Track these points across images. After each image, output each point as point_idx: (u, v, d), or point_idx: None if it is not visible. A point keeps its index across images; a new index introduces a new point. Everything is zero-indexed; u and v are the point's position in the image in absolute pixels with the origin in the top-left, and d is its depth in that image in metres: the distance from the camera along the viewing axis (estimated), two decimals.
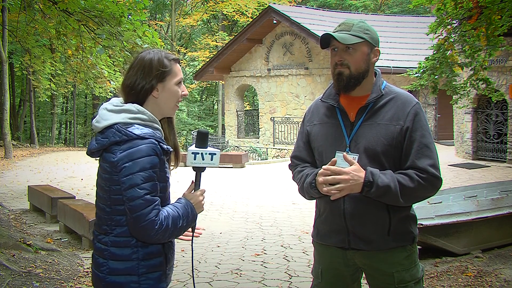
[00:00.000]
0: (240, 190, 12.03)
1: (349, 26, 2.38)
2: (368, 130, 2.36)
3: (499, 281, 4.75)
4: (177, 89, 2.23)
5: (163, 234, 2.05)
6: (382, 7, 34.37)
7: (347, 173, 2.25)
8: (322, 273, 2.54)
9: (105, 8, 8.75)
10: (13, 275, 4.85)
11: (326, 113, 2.49)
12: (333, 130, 2.44)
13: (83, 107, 39.70)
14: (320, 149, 2.47)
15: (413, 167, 2.31)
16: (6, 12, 17.65)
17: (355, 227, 2.38)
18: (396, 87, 2.48)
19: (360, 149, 2.35)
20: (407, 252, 2.40)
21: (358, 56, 2.36)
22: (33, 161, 18.67)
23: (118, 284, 2.09)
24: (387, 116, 2.35)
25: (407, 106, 2.36)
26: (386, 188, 2.25)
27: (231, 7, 28.38)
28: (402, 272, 2.37)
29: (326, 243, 2.50)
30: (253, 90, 28.39)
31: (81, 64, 11.68)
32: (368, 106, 2.39)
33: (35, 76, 19.45)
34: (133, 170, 2.01)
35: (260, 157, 21.52)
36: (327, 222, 2.47)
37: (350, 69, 2.36)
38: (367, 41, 2.38)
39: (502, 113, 14.16)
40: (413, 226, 2.45)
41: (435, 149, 2.36)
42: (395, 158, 2.35)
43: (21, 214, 8.88)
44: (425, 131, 2.34)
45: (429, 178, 2.29)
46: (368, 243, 2.38)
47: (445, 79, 9.13)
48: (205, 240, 6.93)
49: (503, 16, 7.42)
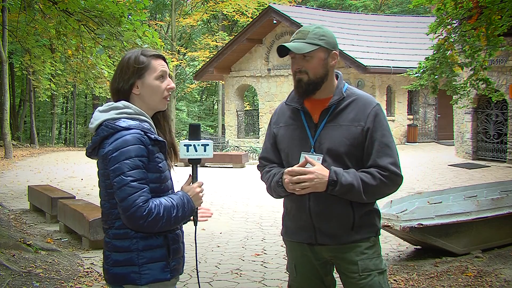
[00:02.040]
0: (240, 190, 12.04)
1: (305, 34, 2.45)
2: (331, 131, 2.46)
3: (499, 281, 4.75)
4: (158, 83, 2.24)
5: (154, 222, 2.07)
6: (382, 7, 34.37)
7: (312, 172, 2.34)
8: (296, 268, 2.63)
9: (105, 8, 8.75)
10: (13, 275, 4.85)
11: (291, 115, 2.58)
12: (298, 132, 2.53)
13: (83, 107, 39.71)
14: (286, 151, 2.57)
15: (375, 165, 2.41)
16: (6, 12, 17.65)
17: (321, 223, 2.48)
18: (358, 89, 2.57)
19: (324, 150, 2.45)
20: (371, 243, 2.51)
21: (315, 63, 2.44)
22: (33, 161, 18.67)
23: (120, 275, 2.15)
24: (349, 118, 2.45)
25: (368, 107, 2.46)
26: (349, 186, 2.35)
27: (231, 7, 28.36)
28: (366, 260, 2.48)
29: (295, 240, 2.60)
30: (253, 90, 28.40)
31: (81, 64, 11.69)
32: (331, 108, 2.48)
33: (35, 76, 19.45)
34: (120, 159, 2.07)
35: None
36: (294, 219, 2.57)
37: (308, 75, 2.45)
38: (322, 47, 2.44)
39: (502, 113, 14.16)
40: (377, 219, 2.56)
41: (395, 148, 2.47)
42: (358, 157, 2.45)
43: (21, 214, 8.89)
44: (385, 131, 2.45)
45: (390, 176, 2.40)
46: (333, 238, 2.48)
47: (445, 79, 9.13)
48: (205, 240, 6.93)
49: (503, 16, 7.42)
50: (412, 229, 5.45)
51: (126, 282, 2.15)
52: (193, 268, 5.43)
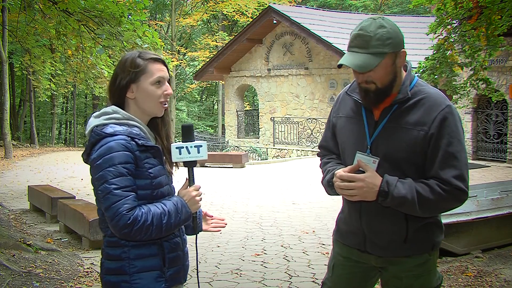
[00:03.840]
0: (240, 190, 12.03)
1: (367, 40, 2.12)
2: (391, 133, 2.21)
3: (499, 281, 4.75)
4: (154, 88, 2.15)
5: (141, 230, 2.01)
6: (382, 7, 34.36)
7: (362, 180, 2.14)
8: (333, 268, 2.51)
9: (105, 8, 8.75)
10: (13, 275, 4.85)
11: (352, 107, 2.36)
12: (356, 127, 2.31)
13: (83, 107, 39.72)
14: (343, 145, 2.39)
15: (436, 177, 2.15)
16: (6, 12, 17.66)
17: (371, 233, 2.31)
18: (428, 86, 2.27)
19: (381, 154, 2.21)
20: (423, 260, 2.30)
21: (382, 72, 2.16)
22: (33, 161, 18.67)
23: (112, 283, 2.12)
24: (412, 120, 2.17)
25: (435, 110, 2.16)
26: (402, 199, 2.13)
27: (231, 7, 28.36)
28: (411, 278, 2.29)
29: (344, 243, 2.46)
30: (253, 90, 28.40)
31: (81, 64, 11.69)
32: (393, 107, 2.22)
33: (35, 76, 19.47)
34: (103, 167, 2.02)
35: (260, 157, 21.52)
36: (346, 222, 2.43)
37: (376, 85, 2.19)
38: (389, 53, 2.14)
39: (502, 113, 14.17)
40: (436, 233, 2.33)
41: (464, 159, 2.18)
42: (418, 165, 2.19)
43: (21, 214, 8.88)
44: (453, 139, 2.14)
45: (452, 191, 2.14)
46: (383, 250, 2.31)
47: (445, 79, 9.14)
48: (205, 240, 6.93)
49: (503, 16, 7.42)
50: None
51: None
52: (193, 268, 5.44)
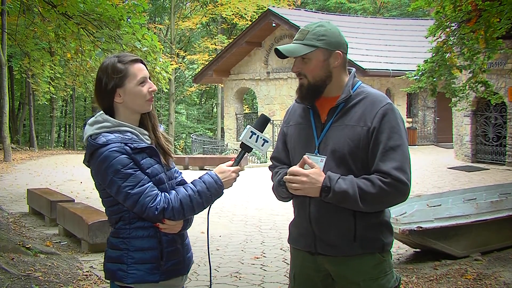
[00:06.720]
0: (239, 193, 12.01)
1: (304, 34, 2.29)
2: (337, 131, 2.29)
3: (498, 284, 4.75)
4: (140, 88, 2.22)
5: (173, 214, 2.15)
6: (381, 10, 34.42)
7: (306, 175, 2.20)
8: (295, 278, 2.49)
9: (104, 11, 8.76)
10: (12, 279, 4.84)
11: (301, 114, 2.44)
12: (305, 132, 2.39)
13: (82, 110, 39.70)
14: (293, 151, 2.45)
15: (377, 170, 2.20)
16: (5, 15, 17.68)
17: (321, 231, 2.31)
18: (371, 88, 2.37)
19: (328, 151, 2.28)
20: (376, 261, 2.30)
21: (313, 65, 2.28)
22: (32, 164, 18.65)
23: (110, 271, 2.24)
24: (355, 117, 2.26)
25: (376, 106, 2.26)
26: (343, 194, 2.17)
27: (230, 10, 28.38)
28: (369, 281, 2.28)
29: (297, 247, 2.46)
30: (252, 93, 28.41)
31: (80, 67, 11.69)
32: (338, 107, 2.31)
33: (34, 79, 19.44)
34: (109, 177, 2.12)
35: (259, 160, 21.50)
36: (296, 225, 2.45)
37: (307, 79, 2.30)
38: (321, 48, 2.26)
39: (501, 115, 14.17)
40: (385, 233, 2.33)
41: (405, 152, 2.23)
42: (363, 161, 2.25)
43: (20, 217, 8.87)
44: (393, 133, 2.22)
45: (392, 183, 2.16)
46: (333, 248, 2.30)
47: (444, 81, 9.16)
48: (204, 243, 6.93)
49: (502, 18, 7.44)
50: (411, 232, 5.45)
51: (115, 279, 2.23)
52: (192, 271, 5.43)
